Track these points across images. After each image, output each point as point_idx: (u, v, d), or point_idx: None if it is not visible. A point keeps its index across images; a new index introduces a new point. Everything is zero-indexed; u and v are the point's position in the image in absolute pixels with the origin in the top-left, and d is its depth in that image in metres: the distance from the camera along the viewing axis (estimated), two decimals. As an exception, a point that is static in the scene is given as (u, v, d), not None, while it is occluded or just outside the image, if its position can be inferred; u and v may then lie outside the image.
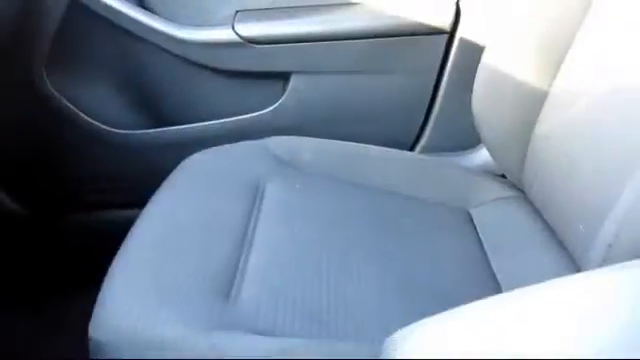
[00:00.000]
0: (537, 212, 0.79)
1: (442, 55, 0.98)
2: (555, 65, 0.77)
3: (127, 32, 0.99)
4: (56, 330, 1.03)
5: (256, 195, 0.76)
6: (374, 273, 0.60)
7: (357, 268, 0.61)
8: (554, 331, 0.36)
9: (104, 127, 1.05)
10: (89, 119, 1.04)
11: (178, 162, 0.88)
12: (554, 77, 0.77)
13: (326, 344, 0.50)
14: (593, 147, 0.66)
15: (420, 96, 1.02)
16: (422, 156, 1.02)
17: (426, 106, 1.03)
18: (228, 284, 0.58)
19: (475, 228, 0.81)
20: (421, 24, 0.97)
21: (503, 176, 0.90)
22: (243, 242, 0.65)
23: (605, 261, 0.51)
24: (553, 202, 0.72)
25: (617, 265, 0.42)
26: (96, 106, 1.05)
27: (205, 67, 1.02)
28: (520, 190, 0.84)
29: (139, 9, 0.99)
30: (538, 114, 0.78)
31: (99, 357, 0.53)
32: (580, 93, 0.71)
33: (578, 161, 0.67)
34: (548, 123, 0.77)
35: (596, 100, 0.68)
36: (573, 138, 0.71)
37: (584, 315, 0.37)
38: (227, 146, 0.89)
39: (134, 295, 0.54)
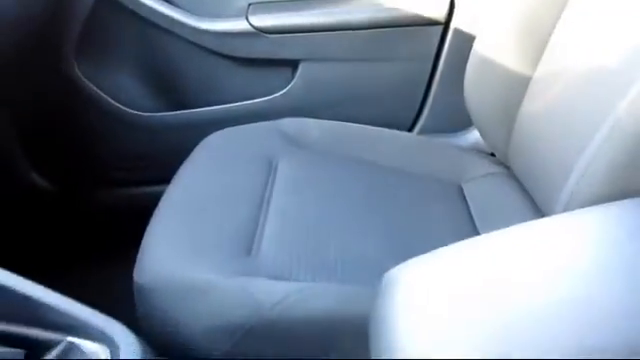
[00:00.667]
0: (520, 185, 0.88)
1: (437, 44, 1.07)
2: (538, 52, 0.85)
3: (150, 22, 1.08)
4: (85, 297, 1.13)
5: (270, 170, 0.86)
6: (373, 231, 0.70)
7: (358, 227, 0.71)
8: (519, 262, 0.46)
9: (128, 110, 1.14)
10: (114, 102, 1.13)
11: (197, 142, 0.97)
12: (537, 63, 0.85)
13: (333, 287, 0.60)
14: (569, 125, 0.75)
15: (417, 81, 1.11)
16: (419, 136, 1.11)
17: (423, 91, 1.11)
18: (249, 241, 0.67)
19: (465, 200, 0.90)
20: (418, 16, 1.05)
21: (492, 154, 0.99)
22: (260, 208, 0.75)
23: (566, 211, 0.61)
24: (532, 175, 0.81)
25: (574, 211, 0.52)
26: (120, 90, 1.14)
27: (221, 55, 1.10)
28: (506, 166, 0.93)
29: (161, 1, 1.07)
30: (522, 97, 0.87)
31: (142, 299, 0.63)
32: (558, 76, 0.80)
33: (555, 138, 0.77)
34: (531, 105, 0.86)
35: (571, 83, 0.77)
36: (552, 117, 0.80)
37: (545, 247, 0.47)
38: (243, 126, 0.98)
39: (171, 247, 0.64)
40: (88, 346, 0.54)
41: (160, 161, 1.06)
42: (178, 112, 1.15)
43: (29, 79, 1.08)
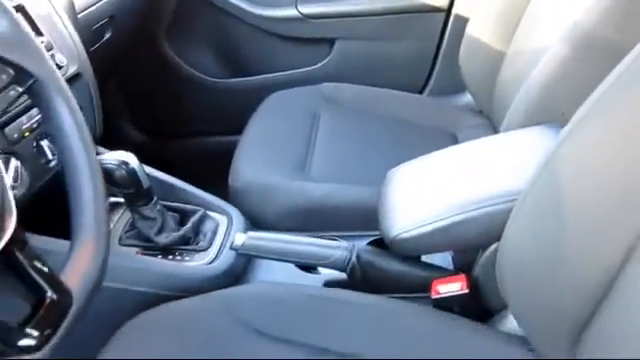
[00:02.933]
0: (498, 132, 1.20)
1: (441, 26, 1.38)
2: (511, 32, 1.16)
3: (222, 10, 1.41)
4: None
5: (315, 119, 1.19)
6: (384, 156, 1.02)
7: (374, 154, 1.04)
8: (466, 159, 0.79)
9: (204, 76, 1.48)
10: (194, 71, 1.48)
11: (257, 101, 1.28)
12: (509, 43, 1.16)
13: (357, 187, 0.94)
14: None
15: (426, 55, 1.42)
16: (427, 97, 1.44)
17: (430, 62, 1.43)
18: (303, 162, 1.03)
19: (457, 143, 1.22)
20: (426, 4, 1.36)
21: (480, 111, 1.30)
22: (309, 143, 1.09)
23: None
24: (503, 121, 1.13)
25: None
26: (199, 62, 1.48)
27: (275, 35, 1.43)
28: (489, 119, 1.25)
29: (231, -8, 1.41)
30: (500, 67, 1.18)
31: (234, 197, 0.98)
32: (523, 52, 1.11)
33: (521, 96, 1.08)
34: (505, 74, 1.17)
35: (530, 57, 1.08)
36: (518, 80, 1.11)
37: (498, 151, 0.79)
38: (294, 89, 1.31)
39: (253, 163, 0.99)
40: (214, 215, 0.91)
41: (228, 116, 1.40)
42: (242, 78, 1.49)
43: (133, 55, 1.43)
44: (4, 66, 0.48)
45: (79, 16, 0.99)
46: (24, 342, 0.37)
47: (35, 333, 0.38)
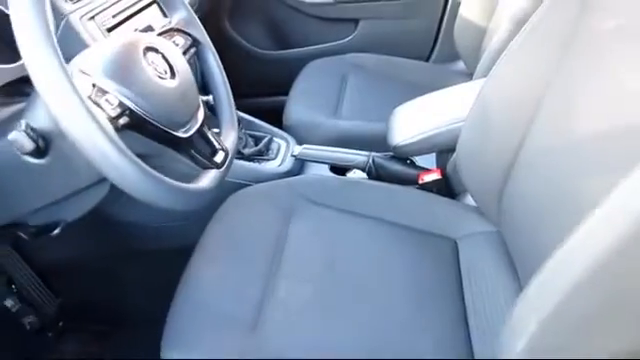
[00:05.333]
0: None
1: (442, 9, 1.78)
2: (491, 12, 1.54)
3: (271, -4, 1.84)
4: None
5: (343, 81, 1.60)
6: (394, 104, 1.43)
7: (387, 103, 1.45)
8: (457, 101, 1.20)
9: (256, 49, 1.90)
10: (248, 44, 1.90)
11: (298, 68, 1.69)
12: (490, 19, 1.55)
13: (371, 124, 1.36)
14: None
15: (431, 31, 1.82)
16: (431, 64, 1.84)
17: (434, 37, 1.83)
18: (336, 107, 1.44)
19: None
20: (430, -9, 1.77)
21: (471, 74, 1.69)
22: (339, 96, 1.50)
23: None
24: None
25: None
26: (252, 37, 1.89)
27: (312, 16, 1.84)
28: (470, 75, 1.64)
29: (279, -16, 1.82)
30: (483, 39, 1.57)
31: (287, 132, 1.40)
32: (499, 27, 1.50)
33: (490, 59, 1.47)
34: (486, 44, 1.55)
35: (501, 31, 1.46)
36: (495, 49, 1.50)
37: (461, 93, 1.20)
38: (327, 58, 1.73)
39: (300, 106, 1.42)
40: (277, 139, 1.33)
41: (275, 80, 1.80)
42: (285, 51, 1.91)
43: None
44: (187, 36, 0.91)
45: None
46: (216, 158, 0.80)
47: (220, 158, 0.81)
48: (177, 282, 0.89)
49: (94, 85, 0.67)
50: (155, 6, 1.15)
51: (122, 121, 0.66)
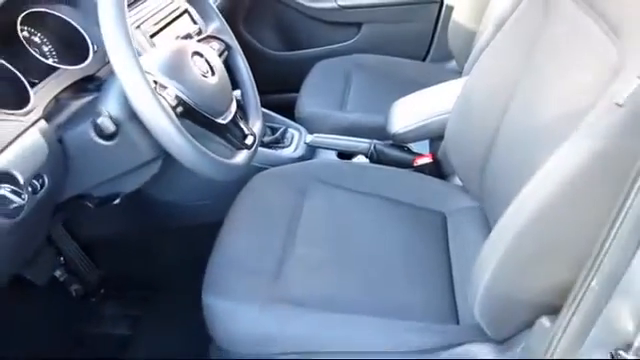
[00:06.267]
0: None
1: (437, 13, 1.97)
2: (480, 16, 1.73)
3: (283, 3, 2.02)
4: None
5: (348, 78, 1.79)
6: (394, 98, 1.62)
7: (388, 97, 1.64)
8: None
9: (268, 50, 2.09)
10: (261, 46, 2.09)
11: (306, 67, 1.88)
12: (479, 22, 1.73)
13: (373, 115, 1.54)
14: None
15: (427, 33, 2.01)
16: (427, 63, 2.03)
17: (429, 39, 2.02)
18: (342, 101, 1.63)
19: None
20: (426, -2, 1.96)
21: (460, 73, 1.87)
22: (345, 91, 1.69)
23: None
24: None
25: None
26: (264, 39, 2.08)
27: (320, 20, 2.03)
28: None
29: (290, -8, 2.01)
30: (473, 40, 1.75)
31: (299, 124, 1.60)
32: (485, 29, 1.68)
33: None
34: (475, 44, 1.74)
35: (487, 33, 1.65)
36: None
37: (449, 90, 1.39)
38: (332, 59, 1.91)
39: (311, 100, 1.61)
40: (291, 130, 1.53)
41: (286, 78, 1.98)
42: (295, 52, 2.10)
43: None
44: (220, 42, 1.10)
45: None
46: (247, 141, 0.99)
47: (250, 141, 1.00)
48: (206, 253, 1.06)
49: (155, 82, 0.86)
50: (186, 15, 1.34)
51: (178, 110, 0.85)
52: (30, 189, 0.83)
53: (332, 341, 0.91)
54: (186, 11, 1.34)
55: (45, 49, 1.07)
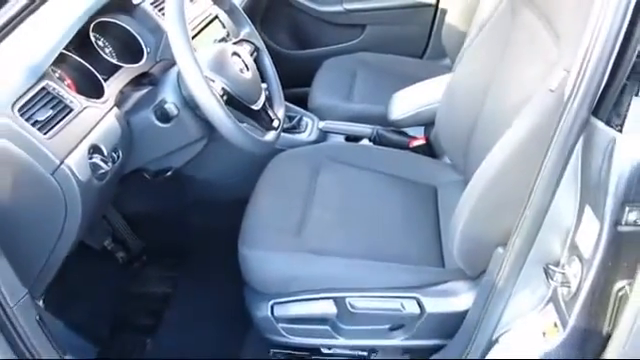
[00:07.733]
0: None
1: (432, 16, 2.21)
2: (470, 18, 1.96)
3: (295, 7, 2.26)
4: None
5: (353, 76, 2.02)
6: (394, 91, 1.85)
7: (389, 90, 1.87)
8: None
9: (282, 49, 2.33)
10: (276, 46, 2.32)
11: (316, 64, 2.12)
12: (469, 24, 1.97)
13: (376, 106, 1.78)
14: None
15: (424, 34, 2.25)
16: (424, 61, 2.27)
17: (426, 38, 2.26)
18: (349, 94, 1.88)
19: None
20: (422, 2, 2.19)
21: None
22: (351, 86, 1.93)
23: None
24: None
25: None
26: (279, 39, 2.31)
27: (328, 22, 2.27)
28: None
29: (302, -4, 2.26)
30: (464, 40, 1.99)
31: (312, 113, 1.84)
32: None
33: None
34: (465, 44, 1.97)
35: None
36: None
37: (440, 82, 1.63)
38: (339, 57, 2.15)
39: (321, 93, 1.86)
40: (305, 118, 1.78)
41: (297, 74, 2.21)
42: (305, 50, 2.34)
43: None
44: (250, 44, 1.35)
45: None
46: (274, 124, 1.24)
47: (276, 124, 1.25)
48: (233, 224, 1.26)
49: (205, 76, 1.11)
50: (217, 21, 1.59)
51: (224, 98, 1.10)
52: (111, 159, 1.08)
53: (344, 280, 1.16)
54: (216, 17, 1.59)
55: (107, 51, 1.32)
